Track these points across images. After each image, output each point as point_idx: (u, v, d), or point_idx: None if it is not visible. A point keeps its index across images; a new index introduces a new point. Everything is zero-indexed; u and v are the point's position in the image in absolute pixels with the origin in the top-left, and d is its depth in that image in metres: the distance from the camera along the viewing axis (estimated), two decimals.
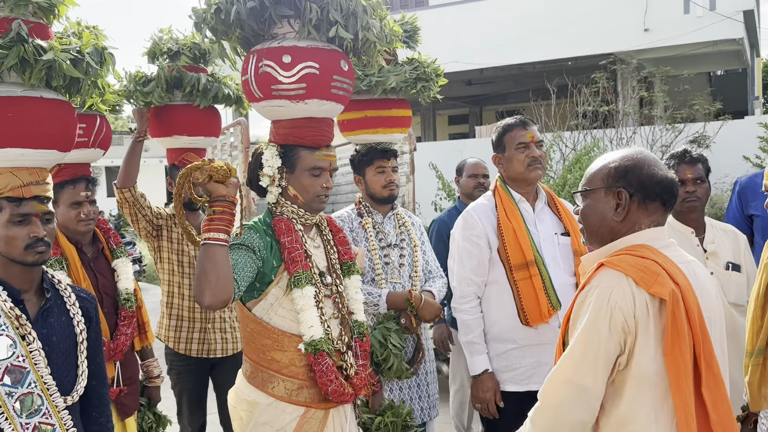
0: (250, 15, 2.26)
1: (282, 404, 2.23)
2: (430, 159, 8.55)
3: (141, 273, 13.62)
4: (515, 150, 2.87)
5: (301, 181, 2.31)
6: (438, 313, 3.04)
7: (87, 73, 2.09)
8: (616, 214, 1.80)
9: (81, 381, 1.98)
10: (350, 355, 2.35)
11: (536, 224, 2.90)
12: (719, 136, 9.95)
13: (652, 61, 12.97)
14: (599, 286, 1.71)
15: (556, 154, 8.88)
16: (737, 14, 11.97)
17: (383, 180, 3.15)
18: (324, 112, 2.34)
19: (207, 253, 2.00)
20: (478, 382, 2.84)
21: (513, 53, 13.47)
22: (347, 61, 2.39)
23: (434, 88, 3.31)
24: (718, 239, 2.94)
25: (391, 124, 3.29)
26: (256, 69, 2.28)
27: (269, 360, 2.25)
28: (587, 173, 1.90)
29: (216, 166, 2.09)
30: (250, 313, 2.26)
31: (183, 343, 3.64)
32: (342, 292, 2.41)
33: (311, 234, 2.42)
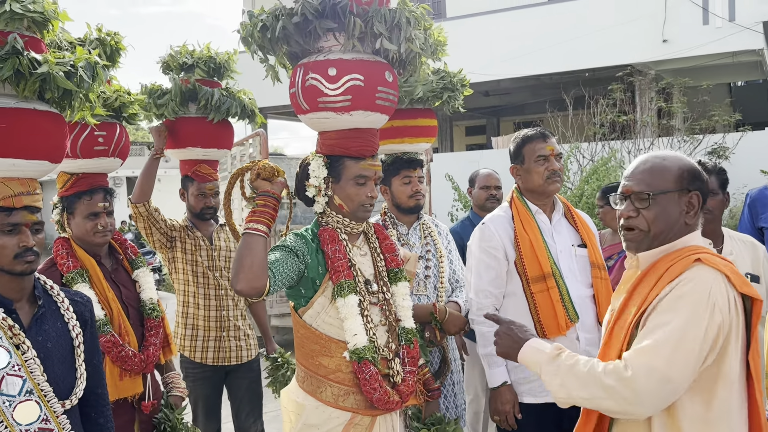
0: (295, 30, 2.30)
1: (329, 409, 2.28)
2: (447, 170, 8.57)
3: (161, 282, 13.74)
4: (534, 162, 2.87)
5: (346, 190, 2.35)
6: (463, 325, 3.03)
7: (80, 86, 2.13)
8: (688, 217, 1.81)
9: (79, 384, 2.00)
10: (397, 363, 2.36)
11: (553, 236, 2.89)
12: (739, 147, 9.87)
13: (671, 72, 12.90)
14: (694, 280, 1.68)
15: (573, 165, 8.85)
16: (757, 25, 11.87)
17: (410, 190, 3.17)
18: (369, 122, 2.38)
19: (245, 241, 2.10)
20: (497, 395, 2.83)
21: (530, 64, 13.46)
22: (392, 72, 2.42)
23: (459, 99, 3.32)
24: (737, 250, 2.93)
25: (417, 133, 3.32)
26: (303, 82, 2.33)
27: (317, 365, 2.30)
28: (643, 177, 1.85)
29: (263, 165, 2.24)
30: (301, 319, 2.33)
31: (199, 351, 3.68)
32: (389, 299, 2.43)
33: (358, 242, 2.46)
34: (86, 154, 2.97)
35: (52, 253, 2.90)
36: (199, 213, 3.73)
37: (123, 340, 2.82)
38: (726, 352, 1.65)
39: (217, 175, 3.83)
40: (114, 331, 2.81)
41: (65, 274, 2.81)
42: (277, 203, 2.21)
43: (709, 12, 12.17)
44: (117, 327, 2.84)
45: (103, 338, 2.71)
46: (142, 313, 3.00)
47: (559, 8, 13.75)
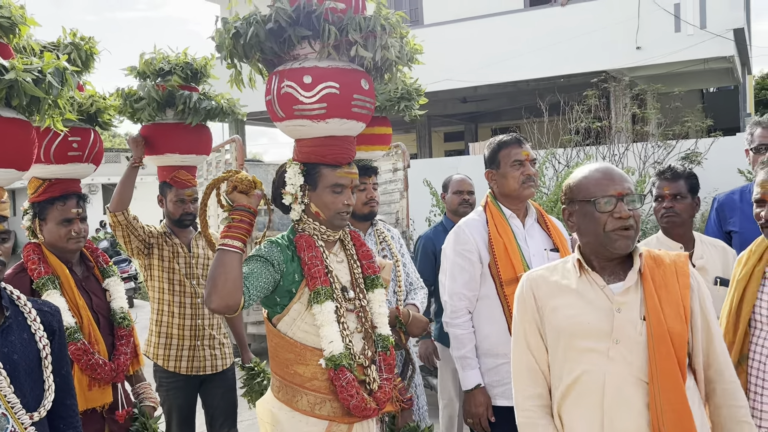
0: (269, 37, 2.30)
1: (305, 418, 2.27)
2: (425, 175, 8.61)
3: (137, 290, 13.59)
4: (510, 167, 2.91)
5: (322, 198, 2.35)
6: (426, 327, 3.07)
7: (48, 92, 2.11)
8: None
9: (48, 396, 1.96)
10: (373, 370, 2.36)
11: (526, 240, 2.93)
12: (711, 152, 10.02)
13: (644, 79, 13.09)
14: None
15: (549, 171, 8.94)
16: (727, 32, 12.11)
17: (364, 197, 3.17)
18: (345, 130, 2.39)
19: (220, 258, 2.07)
20: (470, 397, 2.85)
21: (507, 71, 13.59)
22: (368, 80, 2.43)
23: (416, 107, 3.34)
24: (707, 254, 2.98)
25: (373, 141, 3.33)
26: (279, 89, 2.33)
27: (292, 374, 2.29)
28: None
29: (240, 177, 2.19)
30: (275, 328, 2.31)
31: (172, 360, 3.64)
32: (365, 306, 2.43)
33: (334, 249, 2.45)
34: (60, 160, 2.94)
35: (21, 258, 2.87)
36: (177, 220, 3.71)
37: (93, 348, 2.79)
38: None
39: (195, 181, 3.81)
40: (84, 339, 2.78)
41: (36, 280, 2.77)
42: (254, 217, 2.18)
43: (680, 20, 12.39)
44: (87, 335, 2.81)
45: (73, 346, 2.68)
46: (112, 322, 2.97)
47: (534, 15, 13.92)
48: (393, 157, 8.06)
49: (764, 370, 2.19)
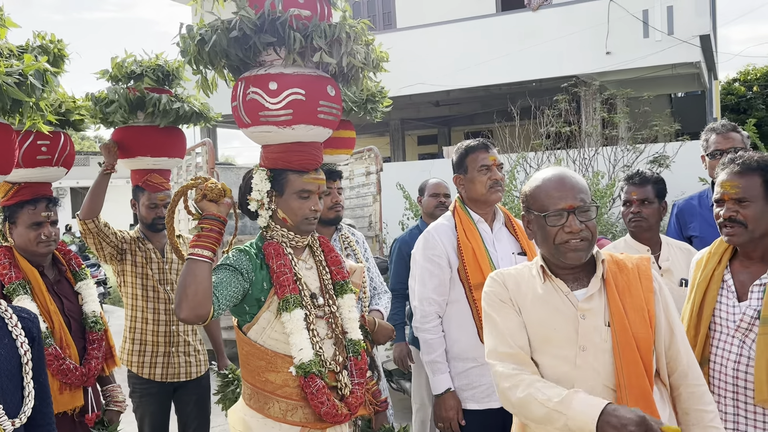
0: (234, 44, 2.30)
1: (277, 425, 2.27)
2: (399, 179, 8.63)
3: (106, 295, 13.41)
4: (477, 172, 2.93)
5: (290, 204, 2.36)
6: (391, 334, 3.06)
7: (30, 95, 2.08)
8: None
9: (27, 403, 1.94)
10: (345, 375, 2.36)
11: (494, 244, 2.96)
12: (678, 156, 10.20)
13: (614, 83, 13.28)
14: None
15: (520, 174, 9.02)
16: (694, 39, 12.34)
17: (329, 201, 3.16)
18: (312, 136, 2.40)
19: (189, 268, 2.05)
20: (441, 401, 2.86)
21: (479, 75, 13.69)
22: (334, 86, 2.44)
23: (380, 109, 3.36)
24: (673, 256, 3.05)
25: (338, 145, 3.33)
26: (244, 96, 2.34)
27: (264, 381, 2.29)
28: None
29: (210, 185, 2.16)
30: (245, 337, 2.30)
31: (146, 367, 3.60)
32: (335, 312, 2.43)
33: (303, 256, 2.45)
34: (29, 164, 2.91)
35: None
36: (150, 224, 3.67)
37: (64, 353, 2.77)
38: None
39: (168, 184, 3.78)
40: (55, 344, 2.75)
41: (6, 285, 2.75)
42: (223, 226, 2.17)
43: (649, 26, 12.60)
44: (58, 340, 2.79)
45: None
46: (84, 326, 2.94)
47: (507, 20, 14.04)
48: (366, 160, 8.07)
49: (725, 372, 2.22)
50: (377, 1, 16.45)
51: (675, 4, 12.38)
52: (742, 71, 23.39)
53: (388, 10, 16.29)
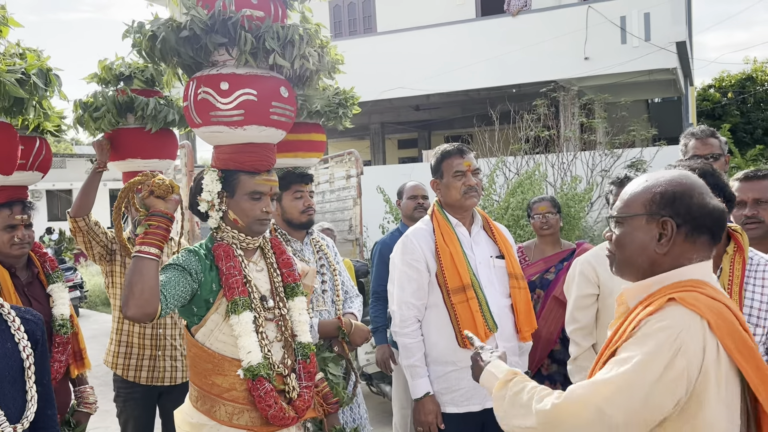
0: (184, 43, 2.29)
1: (224, 428, 2.26)
2: (379, 182, 8.63)
3: (83, 299, 13.26)
4: (452, 177, 2.93)
5: (241, 205, 2.34)
6: (367, 336, 3.07)
7: (32, 93, 2.06)
8: (659, 245, 1.57)
9: (30, 407, 1.92)
10: (293, 378, 2.36)
11: (472, 248, 2.96)
12: (655, 160, 10.32)
13: (592, 89, 13.43)
14: (667, 322, 1.47)
15: (499, 179, 9.07)
16: (670, 45, 12.52)
17: (302, 205, 3.14)
18: (264, 137, 2.38)
19: (136, 265, 2.03)
20: (420, 405, 2.86)
21: (459, 80, 13.75)
22: (288, 88, 2.43)
23: (350, 115, 3.35)
24: None
25: (309, 148, 3.32)
26: (195, 95, 2.32)
27: (210, 384, 2.27)
28: (623, 196, 1.66)
29: (157, 182, 2.13)
30: (193, 339, 2.29)
31: (132, 370, 3.56)
32: (285, 315, 2.42)
33: (254, 258, 2.44)
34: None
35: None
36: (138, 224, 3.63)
37: None
38: (701, 403, 1.45)
39: None
40: None
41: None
42: (170, 223, 2.14)
43: (626, 32, 12.76)
44: None
45: None
46: (52, 329, 2.93)
47: (486, 25, 14.12)
48: (346, 164, 8.07)
49: None
50: (357, 5, 16.47)
51: (652, 11, 12.56)
52: (717, 78, 23.78)
53: (369, 14, 16.31)
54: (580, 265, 3.13)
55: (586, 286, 3.07)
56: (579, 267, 3.13)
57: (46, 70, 2.15)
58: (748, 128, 21.67)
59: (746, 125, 21.73)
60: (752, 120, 21.98)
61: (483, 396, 2.85)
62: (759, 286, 2.17)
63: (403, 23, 14.85)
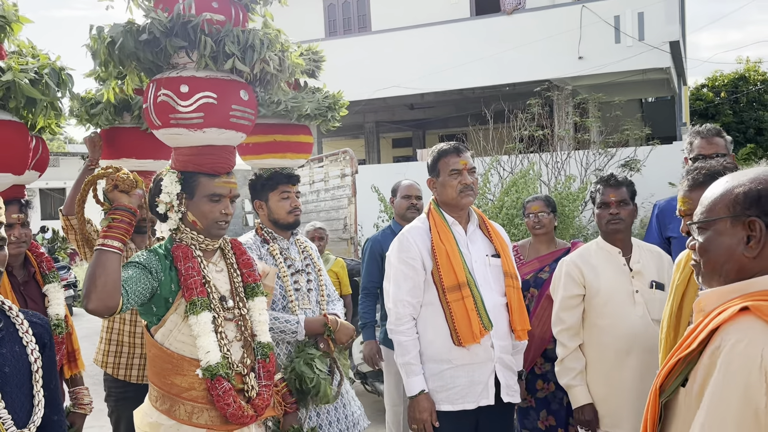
0: (143, 47, 2.30)
1: (184, 427, 2.28)
2: (374, 181, 8.63)
3: (76, 298, 13.22)
4: (449, 176, 2.94)
5: (200, 207, 2.36)
6: (352, 334, 3.07)
7: (45, 93, 2.05)
8: (747, 248, 1.42)
9: (37, 411, 1.89)
10: (252, 378, 2.39)
11: (468, 246, 2.97)
12: (649, 160, 10.38)
13: (586, 88, 13.46)
14: (742, 342, 1.30)
15: (494, 178, 9.09)
16: (664, 45, 12.57)
17: (288, 206, 3.12)
18: (224, 140, 2.41)
19: (99, 258, 2.04)
20: (415, 403, 2.86)
21: (453, 79, 13.77)
22: (248, 91, 2.45)
23: (337, 117, 3.36)
24: (644, 259, 3.09)
25: (298, 149, 3.33)
26: (155, 98, 2.34)
27: (170, 384, 2.30)
28: (704, 201, 1.52)
29: (121, 176, 2.15)
30: (152, 339, 2.31)
31: (123, 369, 3.55)
32: (245, 315, 2.45)
33: (213, 259, 2.46)
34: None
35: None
36: (136, 227, 3.61)
37: None
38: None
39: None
40: None
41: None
42: (134, 217, 2.16)
43: (620, 31, 12.80)
44: None
45: None
46: None
47: (481, 24, 14.15)
48: (341, 162, 8.07)
49: None
50: (352, 4, 16.46)
51: (645, 10, 12.60)
52: (711, 77, 23.87)
53: (363, 13, 16.30)
54: (566, 265, 3.14)
55: (572, 287, 3.09)
56: (565, 268, 3.14)
57: (59, 70, 2.15)
58: (740, 127, 21.78)
59: (739, 124, 21.84)
60: (745, 119, 22.09)
61: (478, 394, 2.86)
62: None
63: (398, 22, 14.86)
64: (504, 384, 2.91)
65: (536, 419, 3.55)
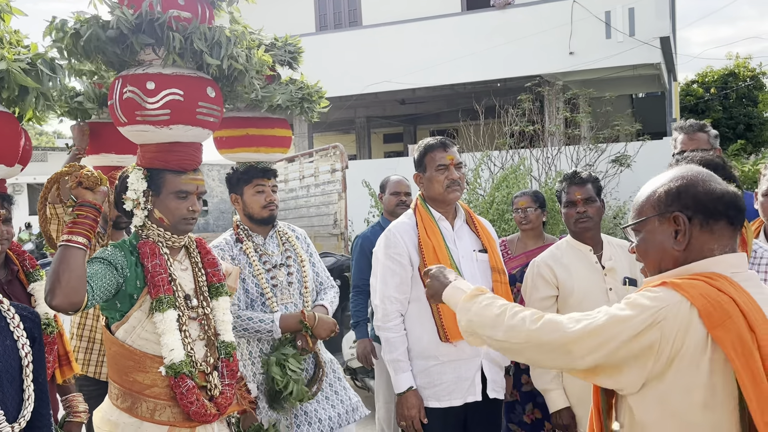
0: (110, 42, 2.29)
1: (145, 424, 2.29)
2: (365, 176, 8.62)
3: None
4: (435, 171, 2.92)
5: (166, 204, 2.36)
6: (333, 328, 3.04)
7: (39, 83, 2.04)
8: (676, 242, 1.55)
9: (27, 406, 1.89)
10: (215, 376, 2.40)
11: (455, 242, 2.96)
12: (639, 155, 10.40)
13: (577, 83, 13.48)
14: (653, 296, 1.49)
15: (484, 173, 9.09)
16: (654, 40, 12.60)
17: (263, 200, 3.08)
18: (190, 137, 2.41)
19: (63, 254, 2.03)
20: (403, 400, 2.86)
21: (444, 74, 13.76)
22: (215, 88, 2.45)
23: (317, 109, 3.32)
24: (615, 256, 3.07)
25: (273, 143, 3.30)
26: (121, 94, 2.34)
27: (131, 381, 2.30)
28: (634, 205, 1.66)
29: (86, 173, 2.15)
30: (113, 336, 2.31)
31: (93, 366, 3.51)
32: (209, 314, 2.46)
33: (179, 257, 2.47)
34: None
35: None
36: (114, 222, 3.58)
37: None
38: (664, 378, 1.45)
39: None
40: None
41: None
42: (98, 214, 2.15)
43: (611, 27, 12.82)
44: None
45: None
46: None
47: (471, 19, 14.13)
48: (331, 158, 8.04)
49: None
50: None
51: (636, 6, 12.63)
52: (701, 73, 23.98)
53: (354, 8, 16.24)
54: (537, 266, 3.11)
55: (544, 288, 3.06)
56: (536, 269, 3.11)
57: (50, 60, 2.13)
58: (730, 123, 21.90)
59: (728, 120, 21.95)
60: (734, 115, 22.21)
61: (465, 390, 2.86)
62: (762, 279, 2.19)
63: (389, 17, 14.82)
64: (490, 380, 2.91)
65: (522, 413, 3.55)
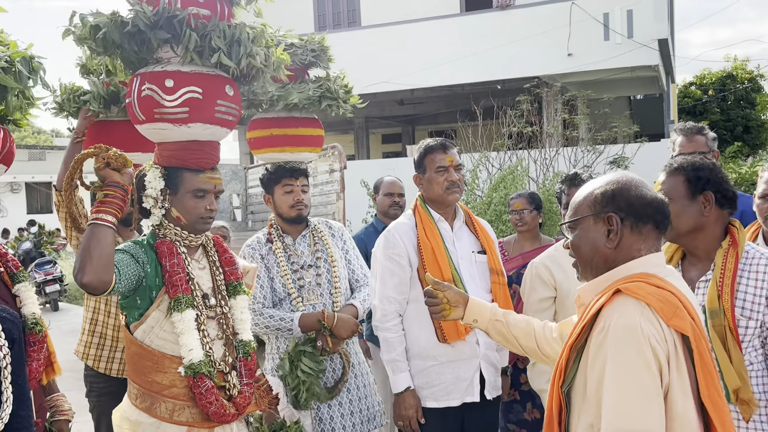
0: (129, 39, 2.28)
1: (164, 424, 2.27)
2: (363, 177, 8.63)
3: (63, 293, 13.14)
4: (435, 173, 2.93)
5: (184, 203, 2.35)
6: (355, 328, 3.03)
7: (18, 81, 2.04)
8: (608, 241, 1.69)
9: (5, 408, 1.87)
10: (234, 376, 2.38)
11: (454, 243, 2.97)
12: (637, 157, 10.42)
13: (575, 85, 13.50)
14: (622, 316, 1.57)
15: (482, 174, 9.10)
16: (652, 42, 12.63)
17: (291, 200, 3.12)
18: (208, 135, 2.39)
19: (93, 232, 2.03)
20: (401, 400, 2.87)
21: (443, 75, 13.77)
22: (233, 86, 2.44)
23: (342, 106, 3.31)
24: None
25: (299, 142, 3.30)
26: (139, 92, 2.33)
27: (150, 382, 2.28)
28: (572, 204, 1.80)
29: (113, 154, 2.15)
30: (132, 336, 2.29)
31: (104, 361, 3.52)
32: (227, 313, 2.44)
33: (196, 255, 2.45)
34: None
35: None
36: (123, 219, 3.58)
37: None
38: (670, 393, 1.54)
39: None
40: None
41: None
42: (126, 195, 2.16)
43: (609, 29, 12.85)
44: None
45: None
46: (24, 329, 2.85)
47: (470, 20, 14.15)
48: (330, 158, 8.04)
49: None
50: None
51: (635, 8, 12.66)
52: (699, 75, 24.01)
53: (353, 8, 16.26)
54: (535, 268, 3.10)
55: (542, 289, 3.05)
56: (534, 270, 3.10)
57: (29, 58, 2.12)
58: (728, 125, 21.93)
59: (726, 122, 21.99)
60: (732, 117, 22.24)
61: (463, 391, 2.87)
62: (753, 279, 2.19)
63: (388, 17, 14.84)
64: (488, 380, 2.92)
65: (522, 412, 3.57)
